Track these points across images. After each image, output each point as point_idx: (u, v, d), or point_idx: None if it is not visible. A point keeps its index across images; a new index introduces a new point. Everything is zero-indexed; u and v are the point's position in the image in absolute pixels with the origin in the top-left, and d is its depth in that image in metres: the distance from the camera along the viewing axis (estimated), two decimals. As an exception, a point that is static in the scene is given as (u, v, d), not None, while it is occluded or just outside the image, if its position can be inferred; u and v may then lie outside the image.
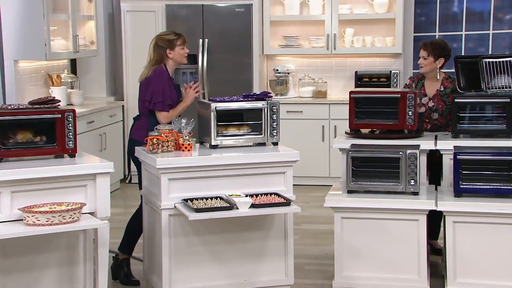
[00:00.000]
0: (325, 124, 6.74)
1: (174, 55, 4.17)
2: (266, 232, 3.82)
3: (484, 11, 6.98)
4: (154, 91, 4.11)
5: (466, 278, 3.71)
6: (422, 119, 4.44)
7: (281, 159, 3.79)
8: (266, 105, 3.94)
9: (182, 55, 4.21)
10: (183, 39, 4.21)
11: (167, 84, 4.14)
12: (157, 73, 4.14)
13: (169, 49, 4.16)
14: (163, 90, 4.10)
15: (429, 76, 4.50)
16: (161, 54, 4.17)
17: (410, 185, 3.81)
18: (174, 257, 3.68)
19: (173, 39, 4.18)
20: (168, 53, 4.17)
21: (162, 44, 4.17)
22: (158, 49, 4.18)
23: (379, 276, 3.83)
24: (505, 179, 3.70)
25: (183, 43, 4.20)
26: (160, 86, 4.10)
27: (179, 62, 4.25)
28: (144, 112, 4.20)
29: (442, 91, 4.46)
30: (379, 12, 6.84)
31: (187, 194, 3.65)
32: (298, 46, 7.02)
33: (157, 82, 4.12)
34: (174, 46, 4.17)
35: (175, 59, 4.19)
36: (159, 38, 4.22)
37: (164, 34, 4.28)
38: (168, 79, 4.18)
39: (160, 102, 4.10)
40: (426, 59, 4.43)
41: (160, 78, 4.13)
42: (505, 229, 3.65)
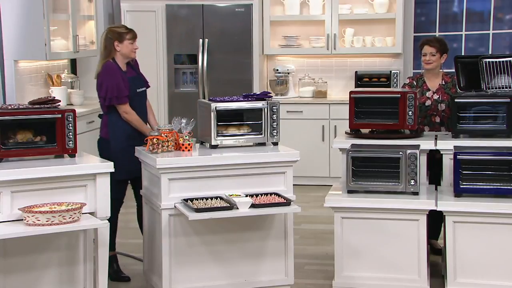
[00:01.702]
0: (325, 124, 6.74)
1: (122, 48, 4.18)
2: (266, 232, 3.82)
3: (484, 11, 6.97)
4: (108, 87, 4.12)
5: (466, 278, 3.71)
6: (430, 113, 4.46)
7: (281, 159, 3.79)
8: (266, 105, 3.94)
9: (130, 49, 4.21)
10: (133, 34, 4.23)
11: (119, 77, 4.14)
12: (106, 69, 4.15)
13: (118, 41, 4.17)
14: (117, 84, 4.11)
15: (431, 73, 4.54)
16: (109, 46, 4.18)
17: (410, 185, 3.81)
18: (174, 257, 3.68)
19: (123, 32, 4.20)
20: (116, 46, 4.17)
21: (111, 36, 4.19)
22: (107, 40, 4.19)
23: (379, 276, 3.83)
24: (505, 179, 3.70)
25: (132, 38, 4.21)
26: (112, 81, 4.11)
27: (127, 56, 4.23)
28: (103, 109, 4.22)
29: (444, 85, 4.50)
30: (379, 12, 6.84)
31: (187, 194, 3.65)
32: (298, 46, 7.02)
33: (109, 78, 4.13)
34: (123, 39, 4.17)
35: (122, 52, 4.19)
36: (109, 30, 4.24)
37: (115, 27, 4.31)
38: (119, 72, 4.17)
39: (115, 97, 4.12)
40: (434, 55, 4.48)
41: (110, 73, 4.13)
42: (505, 229, 3.65)
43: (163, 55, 6.87)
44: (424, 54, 4.52)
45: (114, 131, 4.15)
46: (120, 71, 4.19)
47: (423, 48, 4.54)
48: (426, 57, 4.50)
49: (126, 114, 4.15)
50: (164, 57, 6.88)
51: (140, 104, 4.27)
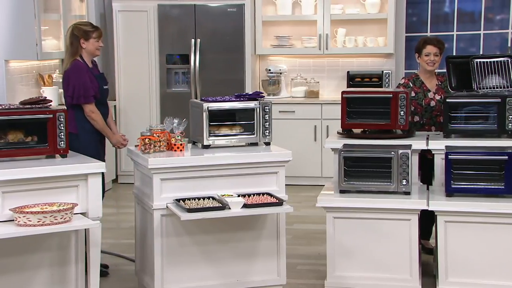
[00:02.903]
0: (317, 124, 6.75)
1: (88, 46, 4.23)
2: (258, 232, 3.82)
3: (475, 11, 7.01)
4: (75, 86, 4.17)
5: (457, 278, 3.72)
6: (435, 113, 4.47)
7: (273, 159, 3.80)
8: (259, 105, 3.94)
9: (96, 47, 4.26)
10: (99, 33, 4.28)
11: (86, 76, 4.20)
12: (74, 67, 4.20)
13: (84, 39, 4.22)
14: (84, 83, 4.17)
15: (429, 73, 4.53)
16: (75, 44, 4.22)
17: (402, 185, 3.82)
18: (166, 257, 3.67)
19: (89, 30, 4.24)
20: (82, 43, 4.22)
21: (77, 33, 4.23)
22: (72, 37, 4.23)
23: (371, 276, 3.84)
24: (496, 178, 3.72)
25: (98, 36, 4.26)
26: (79, 80, 4.17)
27: (92, 54, 4.28)
28: (69, 106, 4.24)
29: (441, 85, 4.51)
30: (371, 12, 6.86)
31: (179, 194, 3.65)
32: (290, 46, 7.03)
33: (76, 77, 4.18)
34: (89, 37, 4.22)
35: (88, 50, 4.24)
36: (75, 27, 4.27)
37: (81, 24, 4.35)
38: (87, 71, 4.23)
39: (82, 96, 4.17)
40: (438, 55, 4.49)
41: (78, 72, 4.19)
42: (496, 228, 3.67)
43: (155, 55, 6.86)
44: (428, 54, 4.46)
45: (83, 126, 4.20)
46: (88, 70, 4.25)
47: (426, 48, 4.47)
48: (430, 57, 4.46)
49: (92, 114, 4.22)
50: (156, 57, 6.87)
51: (104, 101, 4.36)
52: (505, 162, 3.68)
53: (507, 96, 4.02)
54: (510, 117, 3.98)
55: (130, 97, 6.95)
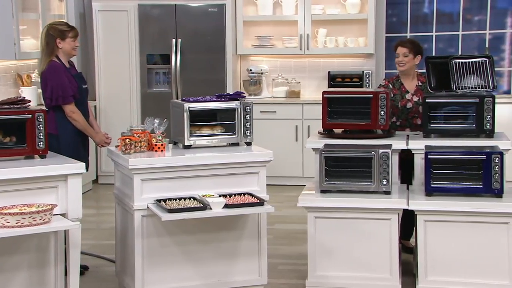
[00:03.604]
0: (298, 124, 6.77)
1: (64, 46, 4.20)
2: (239, 232, 3.82)
3: (453, 12, 7.08)
4: (53, 87, 4.14)
5: (437, 276, 3.76)
6: (411, 115, 4.50)
7: (254, 159, 3.80)
8: (240, 105, 3.94)
9: (72, 47, 4.23)
10: (75, 32, 4.25)
11: (64, 76, 4.17)
12: (52, 68, 4.17)
13: (60, 39, 4.19)
14: (62, 83, 4.14)
15: (406, 74, 4.55)
16: (51, 44, 4.19)
17: (382, 185, 3.84)
18: (147, 258, 3.66)
19: (65, 30, 4.22)
20: (58, 43, 4.19)
21: (53, 33, 4.20)
22: (48, 37, 4.20)
23: (351, 275, 3.85)
24: (475, 178, 3.76)
25: (74, 36, 4.23)
26: (57, 81, 4.14)
27: (69, 54, 4.26)
28: (48, 107, 4.22)
29: (421, 86, 4.53)
30: (351, 13, 6.89)
31: (160, 195, 3.63)
32: (271, 46, 7.04)
33: (54, 77, 4.15)
34: (65, 37, 4.19)
35: (64, 49, 4.22)
36: (50, 27, 4.24)
37: (56, 24, 4.31)
38: (64, 71, 4.21)
39: (60, 97, 4.15)
40: (407, 56, 4.49)
41: (56, 72, 4.16)
42: (475, 227, 3.71)
43: (135, 55, 6.83)
44: (397, 55, 4.52)
45: (64, 127, 4.17)
46: (65, 70, 4.22)
47: (396, 49, 4.54)
48: (399, 58, 4.50)
49: (72, 114, 4.20)
50: (137, 57, 6.84)
51: (84, 101, 4.33)
52: (483, 162, 3.72)
53: (485, 96, 4.07)
54: (488, 117, 4.03)
55: (110, 97, 6.90)
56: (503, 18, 6.98)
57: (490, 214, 3.68)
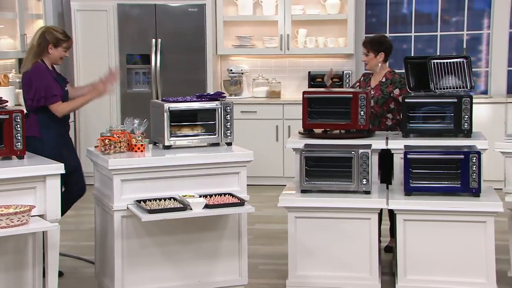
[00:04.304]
0: (279, 124, 6.78)
1: (54, 53, 4.18)
2: (220, 232, 3.81)
3: (432, 13, 7.15)
4: (37, 88, 4.10)
5: (416, 275, 3.78)
6: None
7: (235, 159, 3.79)
8: (220, 105, 3.93)
9: (61, 56, 4.22)
10: (69, 44, 4.25)
11: (49, 78, 4.14)
12: (36, 70, 4.13)
13: (53, 45, 4.17)
14: (46, 85, 4.10)
15: (374, 71, 4.68)
16: (43, 46, 4.16)
17: (362, 184, 3.86)
18: (127, 259, 3.63)
19: (61, 39, 4.19)
20: (49, 48, 4.16)
21: (48, 37, 4.16)
22: (42, 39, 4.16)
23: (332, 275, 3.87)
24: (453, 177, 3.79)
25: (68, 47, 4.24)
26: (41, 82, 4.10)
27: (55, 62, 4.24)
28: (31, 109, 4.18)
29: (383, 82, 4.59)
30: (331, 13, 6.92)
31: (140, 195, 3.61)
32: (252, 46, 7.04)
33: (38, 79, 4.11)
34: (59, 45, 4.18)
35: (53, 56, 4.19)
36: (47, 30, 4.21)
37: (55, 30, 4.25)
38: (49, 73, 4.18)
39: (43, 97, 4.11)
40: (367, 55, 4.61)
41: (40, 74, 4.12)
42: (453, 226, 3.74)
43: (115, 55, 6.78)
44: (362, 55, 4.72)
45: (47, 129, 4.13)
46: (49, 72, 4.19)
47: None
48: (363, 57, 4.70)
49: (62, 109, 4.15)
50: (116, 57, 6.79)
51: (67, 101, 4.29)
52: (461, 161, 3.76)
53: (463, 96, 4.11)
54: (465, 117, 4.07)
55: (89, 97, 6.84)
56: (480, 19, 7.06)
57: (467, 213, 3.71)
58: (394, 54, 4.69)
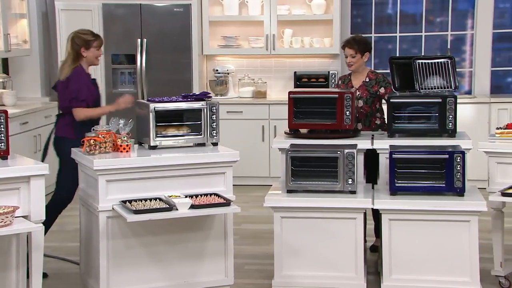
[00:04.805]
0: (265, 124, 6.78)
1: (88, 55, 4.32)
2: (206, 232, 3.81)
3: (416, 13, 7.19)
4: (71, 90, 4.24)
5: (401, 274, 3.80)
6: None
7: (221, 160, 3.79)
8: (206, 105, 3.92)
9: (96, 56, 4.36)
10: (99, 42, 4.37)
11: (85, 83, 4.30)
12: (76, 73, 4.29)
13: (84, 48, 4.30)
14: (79, 89, 4.25)
15: (358, 72, 4.62)
16: (76, 52, 4.30)
17: (348, 184, 3.88)
18: (112, 259, 3.62)
19: (89, 39, 4.32)
20: (82, 52, 4.29)
21: (78, 42, 4.30)
22: (73, 46, 4.31)
23: (317, 274, 3.88)
24: (438, 177, 3.82)
25: (99, 45, 4.35)
26: (77, 85, 4.25)
27: (91, 63, 4.38)
28: (67, 110, 4.30)
29: (367, 82, 4.59)
30: (317, 13, 6.93)
31: (125, 196, 3.60)
32: (238, 46, 7.04)
33: (76, 82, 4.26)
34: (89, 46, 4.31)
35: (88, 58, 4.33)
36: (76, 35, 4.34)
37: (82, 33, 4.37)
38: (87, 78, 4.35)
39: (74, 99, 4.23)
40: (355, 56, 4.55)
41: (77, 77, 4.27)
42: (438, 225, 3.77)
43: (100, 54, 6.74)
44: (346, 56, 4.60)
45: (80, 131, 4.12)
46: (88, 77, 4.36)
47: (344, 50, 4.61)
48: (348, 59, 4.58)
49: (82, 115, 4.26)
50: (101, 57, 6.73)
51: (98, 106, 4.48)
52: (445, 161, 3.78)
53: (447, 96, 4.14)
54: (450, 117, 4.10)
55: (74, 98, 6.80)
56: (464, 20, 7.12)
57: (452, 213, 3.74)
58: (379, 54, 4.71)
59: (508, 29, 7.03)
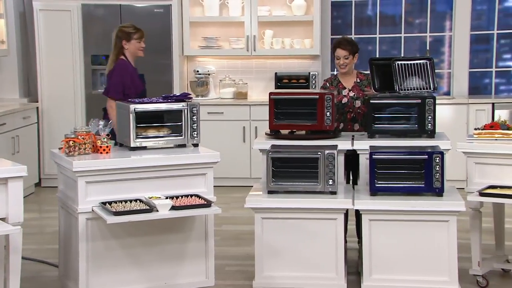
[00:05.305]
0: (246, 125, 6.78)
1: (130, 47, 4.54)
2: (186, 234, 3.80)
3: (396, 15, 7.24)
4: (112, 82, 4.48)
5: (381, 274, 3.83)
6: (346, 109, 4.57)
7: (201, 161, 3.78)
8: (186, 106, 3.91)
9: (137, 48, 4.57)
10: (140, 34, 4.58)
11: (128, 76, 4.49)
12: (119, 65, 4.51)
13: (125, 40, 4.53)
14: (119, 81, 4.46)
15: (348, 73, 4.62)
16: (118, 45, 4.54)
17: (328, 185, 3.89)
18: (92, 261, 3.59)
19: (130, 32, 4.55)
20: (124, 44, 4.53)
21: (120, 35, 4.55)
22: (116, 39, 4.55)
23: (298, 275, 3.89)
24: (417, 177, 3.84)
25: (140, 37, 4.57)
26: (117, 78, 4.47)
27: (134, 54, 4.59)
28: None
29: (359, 83, 4.61)
30: (297, 14, 6.95)
31: (105, 197, 3.57)
32: (218, 47, 7.03)
33: (117, 75, 4.48)
34: (130, 38, 4.53)
35: (130, 50, 4.56)
36: (119, 30, 4.59)
37: (124, 26, 4.63)
38: (131, 70, 4.54)
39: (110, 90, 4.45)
40: (348, 57, 4.54)
41: (121, 70, 4.48)
42: (417, 225, 3.79)
43: (79, 55, 6.70)
44: (338, 57, 4.56)
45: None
46: (132, 68, 4.55)
47: (336, 52, 4.57)
48: (340, 60, 4.54)
49: (110, 108, 4.46)
50: (81, 58, 6.70)
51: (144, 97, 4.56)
52: (424, 161, 3.81)
53: (426, 97, 4.17)
54: (429, 117, 4.13)
55: (53, 98, 6.75)
56: (442, 21, 7.19)
57: (431, 213, 3.77)
58: (359, 55, 4.71)
59: (485, 31, 7.12)
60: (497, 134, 4.02)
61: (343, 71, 4.58)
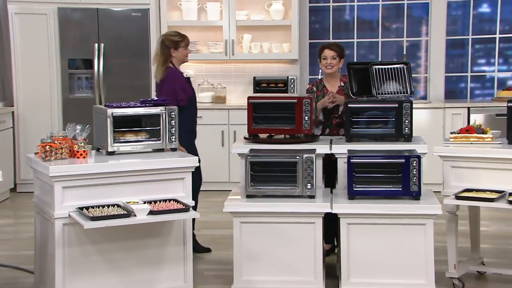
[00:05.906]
0: (224, 129, 6.78)
1: (178, 55, 4.66)
2: (164, 238, 3.78)
3: (373, 20, 7.31)
4: (167, 91, 4.53)
5: (359, 278, 3.84)
6: (331, 116, 4.59)
7: (179, 165, 3.77)
8: (164, 110, 3.90)
9: (185, 55, 4.71)
10: (186, 41, 4.71)
11: (178, 83, 4.59)
12: (169, 74, 4.60)
13: (173, 48, 4.63)
14: (173, 89, 4.52)
15: (331, 76, 4.66)
16: (166, 53, 4.63)
17: (306, 189, 3.90)
18: (68, 267, 3.56)
19: (178, 40, 4.65)
20: (172, 52, 4.63)
21: (168, 44, 4.64)
22: (164, 48, 4.63)
23: (277, 279, 3.89)
24: (395, 181, 3.87)
25: (186, 44, 4.70)
26: (171, 86, 4.54)
27: (182, 61, 4.72)
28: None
29: (343, 86, 4.64)
30: (275, 19, 6.97)
31: (82, 202, 3.55)
32: (197, 51, 7.02)
33: (170, 82, 4.56)
34: (178, 46, 4.64)
35: (178, 58, 4.67)
36: (165, 38, 4.69)
37: (170, 35, 4.73)
38: (181, 77, 4.64)
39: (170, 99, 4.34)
40: (335, 58, 4.60)
41: (172, 78, 4.57)
42: (395, 229, 3.82)
43: (56, 59, 6.64)
44: (325, 58, 4.60)
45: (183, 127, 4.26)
46: (182, 75, 4.66)
47: (323, 52, 4.61)
48: (327, 60, 4.59)
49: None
50: (58, 62, 6.64)
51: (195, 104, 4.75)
52: (402, 165, 3.85)
53: (403, 101, 4.21)
54: (406, 121, 4.17)
55: (29, 103, 6.68)
56: (419, 26, 7.27)
57: (408, 216, 3.80)
58: (340, 59, 4.75)
59: (461, 36, 7.21)
60: (472, 138, 4.07)
61: (329, 71, 4.61)
